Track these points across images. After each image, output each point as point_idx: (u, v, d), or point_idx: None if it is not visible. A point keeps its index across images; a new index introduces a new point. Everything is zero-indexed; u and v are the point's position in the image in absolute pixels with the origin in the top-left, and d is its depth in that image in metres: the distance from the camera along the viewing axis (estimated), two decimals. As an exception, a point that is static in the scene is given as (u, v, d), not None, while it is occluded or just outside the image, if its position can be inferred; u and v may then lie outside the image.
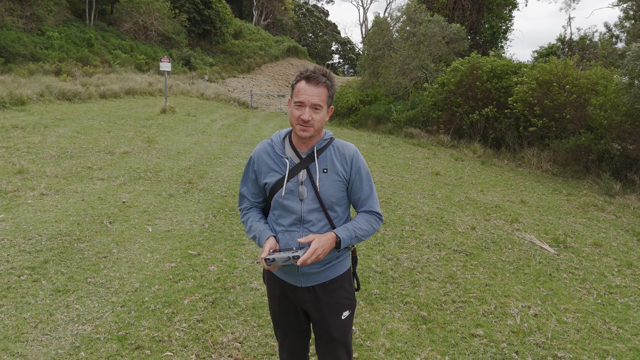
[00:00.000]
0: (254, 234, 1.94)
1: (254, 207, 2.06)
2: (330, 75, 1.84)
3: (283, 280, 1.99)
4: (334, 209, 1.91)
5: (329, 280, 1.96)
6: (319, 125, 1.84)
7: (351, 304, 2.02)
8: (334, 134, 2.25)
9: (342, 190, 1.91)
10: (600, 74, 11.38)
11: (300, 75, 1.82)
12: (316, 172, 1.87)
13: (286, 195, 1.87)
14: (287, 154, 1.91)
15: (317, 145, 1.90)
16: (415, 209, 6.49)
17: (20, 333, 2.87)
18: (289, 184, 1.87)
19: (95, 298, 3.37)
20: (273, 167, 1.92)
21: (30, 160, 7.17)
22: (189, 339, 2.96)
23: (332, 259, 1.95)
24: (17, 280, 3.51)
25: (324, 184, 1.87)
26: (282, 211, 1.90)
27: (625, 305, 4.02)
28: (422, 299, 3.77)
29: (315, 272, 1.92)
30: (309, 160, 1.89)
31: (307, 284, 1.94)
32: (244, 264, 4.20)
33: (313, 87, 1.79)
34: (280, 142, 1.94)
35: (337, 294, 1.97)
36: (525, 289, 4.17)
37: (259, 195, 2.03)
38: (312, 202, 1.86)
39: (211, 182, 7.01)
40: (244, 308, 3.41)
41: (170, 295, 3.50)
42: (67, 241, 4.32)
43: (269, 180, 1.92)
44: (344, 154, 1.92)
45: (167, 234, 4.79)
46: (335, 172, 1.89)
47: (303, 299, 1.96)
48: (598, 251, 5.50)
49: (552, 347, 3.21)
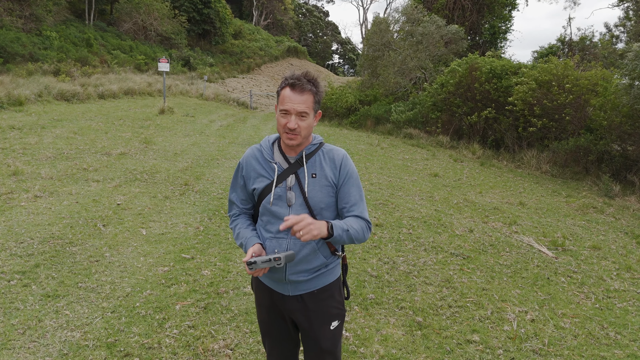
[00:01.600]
0: (240, 241, 1.91)
1: (243, 214, 2.02)
2: (316, 80, 1.80)
3: (271, 288, 1.95)
4: (323, 214, 1.86)
5: (318, 289, 1.92)
6: (306, 132, 1.81)
7: (341, 313, 1.98)
8: (333, 135, 2.18)
9: (331, 196, 1.87)
10: (600, 75, 11.32)
11: (285, 82, 1.78)
12: (305, 178, 1.83)
13: (274, 201, 1.83)
14: (276, 159, 1.88)
15: (305, 150, 1.87)
16: (413, 211, 6.44)
17: (7, 340, 2.82)
18: (277, 190, 1.83)
19: (86, 303, 3.33)
20: (261, 172, 1.88)
21: (25, 161, 7.12)
22: (179, 346, 2.91)
23: (322, 267, 1.90)
24: (7, 285, 3.46)
25: (313, 189, 1.83)
26: (271, 217, 1.86)
27: (623, 310, 3.96)
28: (417, 304, 3.72)
29: (304, 280, 1.88)
30: (297, 166, 1.85)
31: (295, 292, 1.90)
32: (237, 268, 4.15)
33: (298, 95, 1.75)
34: (269, 148, 1.91)
35: (326, 303, 1.93)
36: (522, 293, 4.12)
37: (247, 201, 1.99)
38: (301, 207, 1.82)
39: (207, 184, 6.96)
40: (236, 314, 3.36)
41: (162, 301, 3.45)
42: (59, 245, 4.27)
43: (257, 185, 1.88)
44: (333, 158, 1.88)
45: (161, 237, 4.75)
46: (325, 177, 1.85)
47: (291, 308, 1.92)
48: (597, 254, 5.44)
49: (549, 353, 3.16)
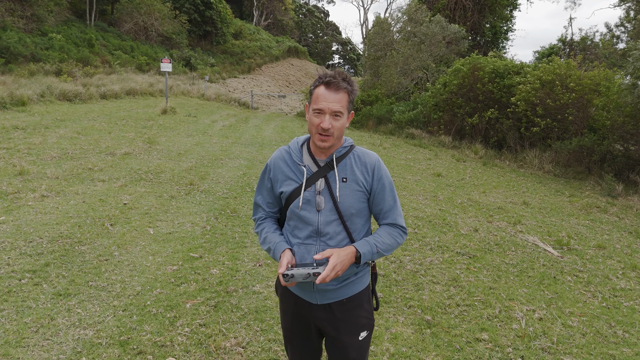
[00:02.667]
0: (268, 246, 1.84)
1: (269, 218, 1.95)
2: (350, 79, 1.73)
3: (297, 295, 1.88)
4: (354, 220, 1.79)
5: (347, 298, 1.84)
6: (339, 134, 1.73)
7: (369, 323, 1.90)
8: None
9: (363, 201, 1.80)
10: (603, 75, 11.34)
11: (320, 80, 1.71)
12: (335, 181, 1.76)
13: (303, 206, 1.76)
14: (305, 162, 1.81)
15: (336, 153, 1.79)
16: (418, 211, 6.46)
17: (21, 338, 2.84)
18: (306, 194, 1.76)
19: (97, 302, 3.34)
20: (290, 175, 1.81)
21: (30, 161, 7.14)
22: (191, 344, 2.93)
23: (350, 275, 1.83)
24: (18, 283, 3.48)
25: (343, 193, 1.76)
26: (298, 222, 1.79)
27: (630, 309, 3.98)
28: (426, 303, 3.74)
29: (332, 289, 1.81)
30: (327, 169, 1.77)
31: (323, 301, 1.83)
32: (246, 266, 4.17)
33: (333, 93, 1.68)
34: (297, 150, 1.84)
35: (355, 313, 1.85)
36: (529, 292, 4.14)
37: (274, 204, 1.93)
38: (330, 213, 1.76)
39: (212, 184, 6.98)
40: (246, 312, 3.38)
41: (172, 299, 3.47)
42: (68, 244, 4.29)
43: (285, 189, 1.82)
44: (365, 163, 1.81)
45: (168, 236, 4.76)
46: (356, 182, 1.78)
47: (318, 316, 1.85)
48: (602, 253, 5.46)
49: (558, 351, 3.18)
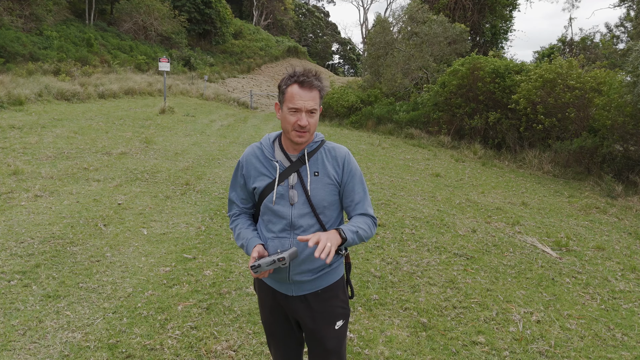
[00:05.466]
0: (241, 242, 1.89)
1: (243, 213, 2.00)
2: (320, 75, 1.79)
3: (274, 289, 1.93)
4: (326, 213, 1.85)
5: (322, 289, 1.90)
6: (314, 129, 1.81)
7: (345, 313, 1.96)
8: (333, 135, 2.16)
9: (334, 194, 1.86)
10: (605, 74, 11.28)
11: (292, 79, 1.75)
12: (307, 176, 1.82)
13: (277, 200, 1.81)
14: (277, 157, 1.86)
15: (307, 148, 1.85)
16: (416, 211, 6.40)
17: (7, 341, 2.78)
18: (279, 188, 1.81)
19: (87, 304, 3.29)
20: (262, 171, 1.86)
21: (26, 161, 7.09)
22: (181, 347, 2.88)
23: (325, 266, 1.88)
24: (7, 285, 3.43)
25: (315, 187, 1.82)
26: (272, 216, 1.84)
27: (629, 311, 3.93)
28: (422, 305, 3.68)
29: (308, 280, 1.86)
30: (299, 164, 1.83)
31: (298, 292, 1.88)
32: (240, 268, 4.12)
33: (307, 92, 1.73)
34: (269, 146, 1.89)
35: (330, 303, 1.91)
36: (527, 294, 4.08)
37: (248, 200, 1.97)
38: (303, 206, 1.81)
39: (209, 184, 6.92)
40: (239, 314, 3.33)
41: (163, 301, 3.42)
42: (59, 244, 4.23)
43: (258, 184, 1.86)
44: (335, 157, 1.87)
45: (162, 237, 4.71)
46: (327, 175, 1.84)
47: (295, 308, 1.90)
48: (601, 255, 5.40)
49: (556, 355, 3.12)
